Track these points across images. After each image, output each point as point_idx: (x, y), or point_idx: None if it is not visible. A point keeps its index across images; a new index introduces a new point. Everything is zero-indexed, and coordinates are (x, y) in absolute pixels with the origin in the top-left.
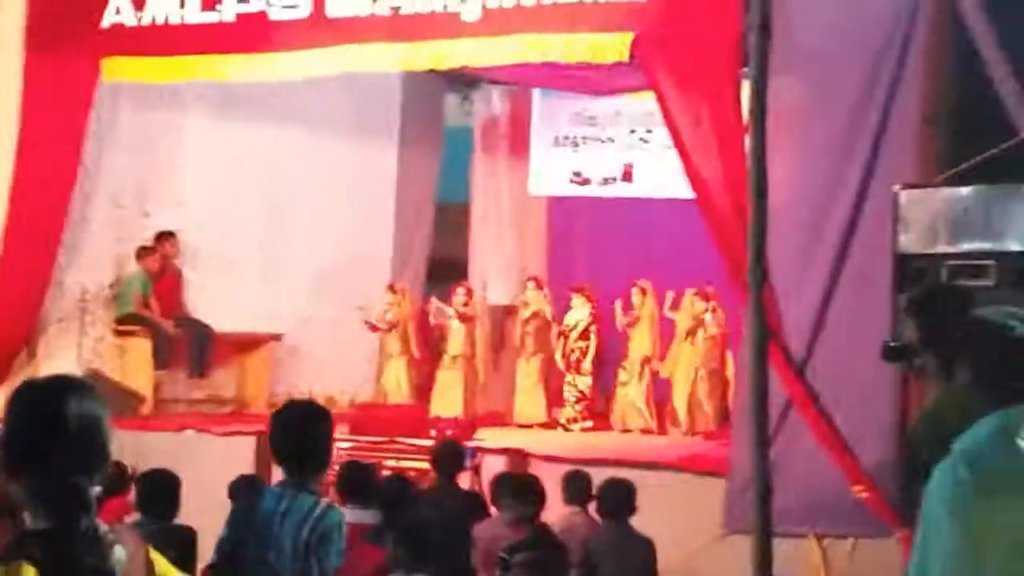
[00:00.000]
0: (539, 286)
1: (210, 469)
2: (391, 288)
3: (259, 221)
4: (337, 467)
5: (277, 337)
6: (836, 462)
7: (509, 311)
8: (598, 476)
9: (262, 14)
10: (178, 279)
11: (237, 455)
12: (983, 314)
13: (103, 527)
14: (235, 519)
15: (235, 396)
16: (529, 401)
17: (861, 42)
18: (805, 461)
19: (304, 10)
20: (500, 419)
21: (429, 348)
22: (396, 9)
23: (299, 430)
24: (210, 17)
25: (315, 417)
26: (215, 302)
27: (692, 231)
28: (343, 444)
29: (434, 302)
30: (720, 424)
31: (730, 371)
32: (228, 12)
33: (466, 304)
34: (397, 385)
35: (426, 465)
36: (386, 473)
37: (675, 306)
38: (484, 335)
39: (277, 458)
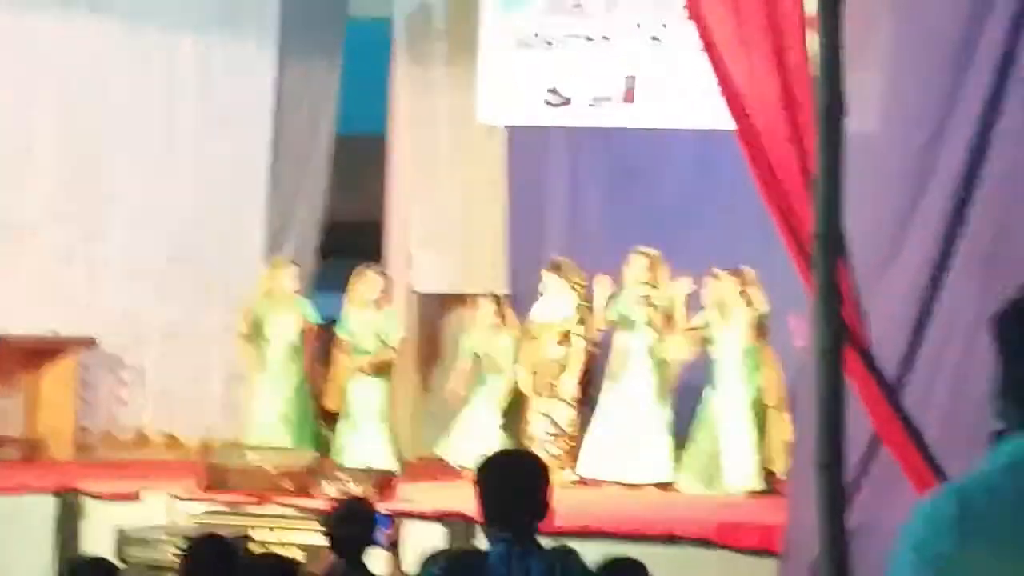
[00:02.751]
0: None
1: None
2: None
3: (61, 166)
4: (186, 542)
5: (89, 343)
6: None
7: (446, 304)
8: (591, 554)
9: None
10: None
11: (28, 524)
12: None
13: None
14: None
15: (24, 434)
16: (476, 440)
17: None
18: (899, 528)
19: None
20: (434, 469)
21: (326, 362)
22: None
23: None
24: None
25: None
26: None
27: (726, 178)
28: (194, 509)
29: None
30: (770, 475)
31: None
32: None
33: (384, 293)
34: (276, 419)
35: (320, 539)
36: (257, 551)
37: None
38: (410, 341)
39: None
